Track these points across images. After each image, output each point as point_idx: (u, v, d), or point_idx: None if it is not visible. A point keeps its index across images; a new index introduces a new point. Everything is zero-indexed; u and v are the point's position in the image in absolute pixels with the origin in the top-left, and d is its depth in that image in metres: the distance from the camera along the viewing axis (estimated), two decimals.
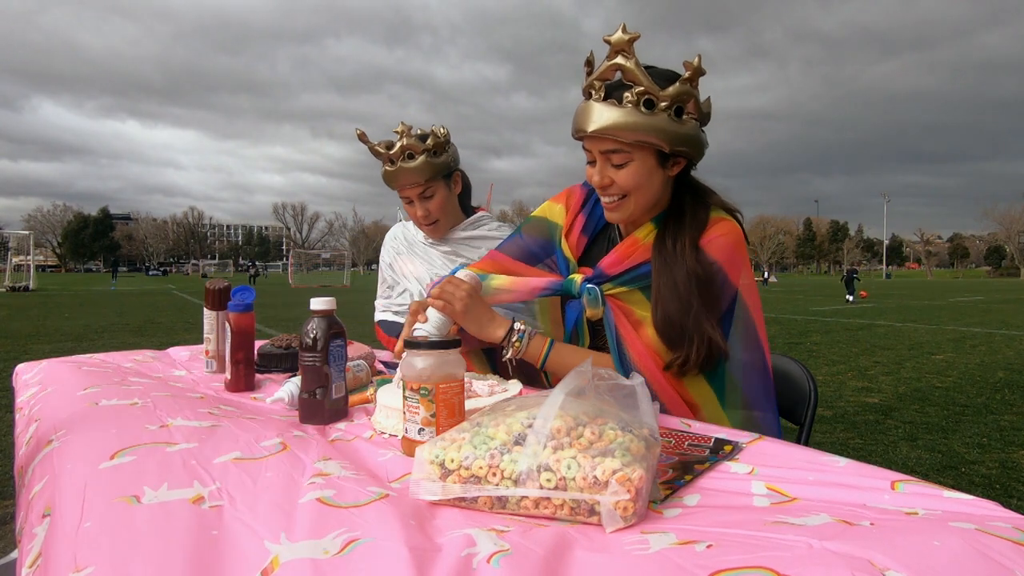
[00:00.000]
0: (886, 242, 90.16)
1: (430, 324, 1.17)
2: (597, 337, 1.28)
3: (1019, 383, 5.51)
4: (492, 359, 1.56)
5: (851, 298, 18.93)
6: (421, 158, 1.66)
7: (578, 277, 1.25)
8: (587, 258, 1.32)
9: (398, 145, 1.65)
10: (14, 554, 1.77)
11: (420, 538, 0.57)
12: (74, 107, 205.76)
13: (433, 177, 1.69)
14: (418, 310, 1.19)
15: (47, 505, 0.64)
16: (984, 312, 14.46)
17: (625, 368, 1.17)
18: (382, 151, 1.68)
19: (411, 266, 1.87)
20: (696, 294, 1.12)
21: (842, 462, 0.80)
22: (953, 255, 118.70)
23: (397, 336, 1.71)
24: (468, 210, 1.88)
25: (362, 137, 1.70)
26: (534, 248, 1.36)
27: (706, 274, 1.13)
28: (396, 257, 1.91)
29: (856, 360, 6.82)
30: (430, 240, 1.84)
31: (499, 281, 1.29)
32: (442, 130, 1.73)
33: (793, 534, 0.55)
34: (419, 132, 1.71)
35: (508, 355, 1.21)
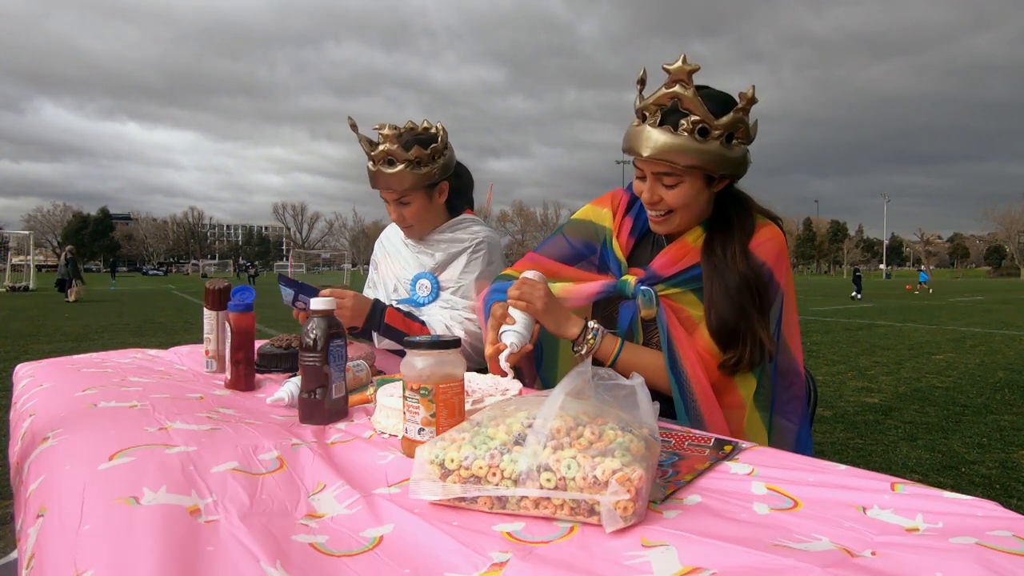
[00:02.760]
0: (886, 242, 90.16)
1: (519, 325, 1.20)
2: (649, 336, 1.31)
3: (1019, 383, 5.51)
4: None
5: (859, 295, 20.29)
6: (400, 167, 1.61)
7: (631, 279, 1.29)
8: (633, 259, 1.36)
9: (380, 148, 1.61)
10: (14, 554, 1.76)
11: None
12: (75, 109, 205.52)
13: (411, 188, 1.65)
14: (503, 314, 1.23)
15: (42, 505, 0.64)
16: (984, 312, 14.46)
17: (675, 366, 1.21)
18: (366, 148, 1.65)
19: (385, 267, 1.88)
20: (747, 297, 1.17)
21: (841, 467, 0.80)
22: (953, 255, 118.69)
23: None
24: (458, 210, 1.84)
25: (353, 126, 1.66)
26: (580, 248, 1.41)
27: (756, 276, 1.18)
28: (383, 259, 1.91)
29: (856, 360, 6.82)
30: (407, 240, 1.83)
31: (555, 288, 1.33)
32: (440, 133, 1.69)
33: (795, 559, 0.55)
34: (409, 137, 1.65)
35: (583, 352, 1.25)
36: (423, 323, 1.67)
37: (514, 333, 1.19)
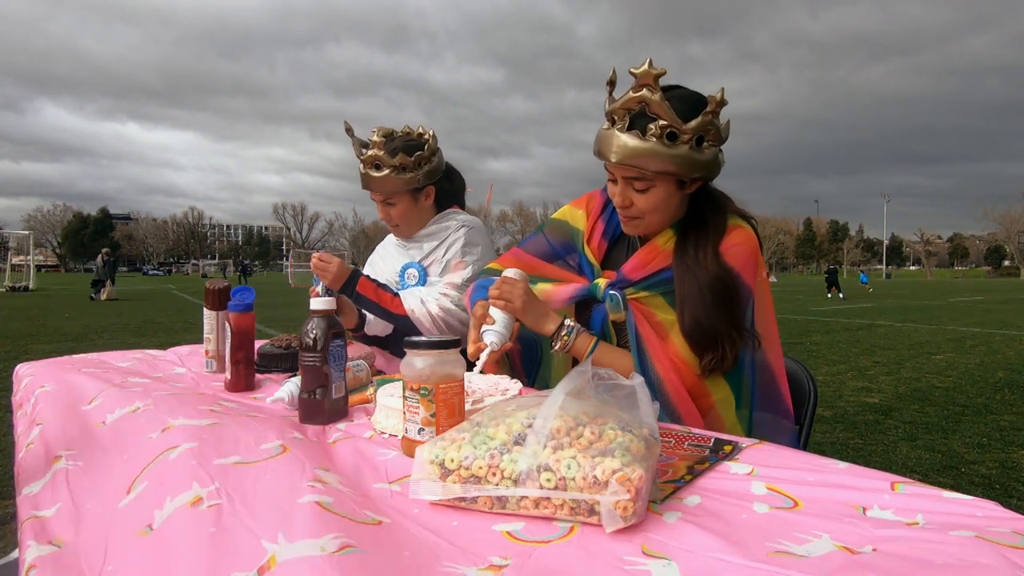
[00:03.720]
0: (886, 242, 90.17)
1: (498, 324, 1.24)
2: (622, 338, 1.32)
3: (1019, 383, 5.51)
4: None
5: (842, 294, 21.73)
6: (386, 172, 1.71)
7: (602, 282, 1.31)
8: (608, 261, 1.37)
9: (368, 152, 1.70)
10: (14, 554, 1.76)
11: (412, 570, 0.55)
12: (75, 110, 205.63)
13: (396, 191, 1.74)
14: (484, 314, 1.26)
15: (59, 536, 0.63)
16: (984, 312, 14.46)
17: (644, 368, 1.21)
18: (357, 152, 1.73)
19: (378, 270, 1.95)
20: (720, 298, 1.16)
21: (842, 465, 0.79)
22: (953, 255, 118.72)
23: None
24: (446, 203, 1.90)
25: (348, 131, 1.74)
26: (557, 248, 1.43)
27: (728, 279, 1.17)
28: (376, 263, 1.97)
29: (856, 360, 6.82)
30: (397, 240, 1.91)
31: (535, 289, 1.35)
32: (429, 140, 1.76)
33: (797, 570, 0.54)
34: (397, 143, 1.72)
35: (556, 348, 1.28)
36: (395, 294, 1.75)
37: (494, 333, 1.23)
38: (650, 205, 1.19)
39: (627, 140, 1.12)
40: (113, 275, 18.19)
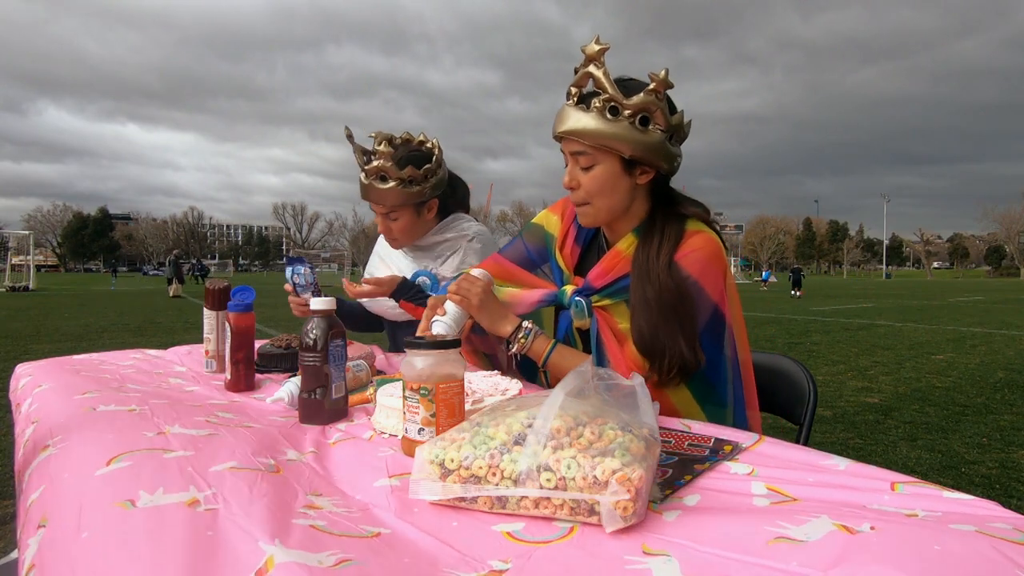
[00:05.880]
0: (886, 242, 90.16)
1: (448, 317, 1.25)
2: (588, 344, 1.31)
3: (1019, 383, 5.51)
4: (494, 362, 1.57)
5: (797, 293, 23.18)
6: (392, 184, 1.62)
7: (569, 289, 1.30)
8: (582, 267, 1.36)
9: (374, 163, 1.62)
10: (14, 554, 1.76)
11: None
12: (76, 111, 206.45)
13: (401, 205, 1.66)
14: (436, 304, 1.27)
15: (43, 516, 0.63)
16: (984, 312, 14.46)
17: None
18: (360, 160, 1.65)
19: (382, 271, 1.92)
20: (668, 309, 1.15)
21: (842, 464, 0.79)
22: (953, 255, 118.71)
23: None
24: (448, 214, 1.85)
25: (349, 136, 1.67)
26: (533, 255, 1.42)
27: (680, 289, 1.15)
28: (381, 260, 1.95)
29: (856, 360, 6.82)
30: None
31: (501, 293, 1.36)
32: (435, 151, 1.69)
33: (797, 562, 0.54)
34: (403, 154, 1.65)
35: (513, 350, 1.27)
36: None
37: (442, 324, 1.24)
38: (594, 185, 1.18)
39: (572, 112, 1.15)
40: (180, 274, 19.48)
